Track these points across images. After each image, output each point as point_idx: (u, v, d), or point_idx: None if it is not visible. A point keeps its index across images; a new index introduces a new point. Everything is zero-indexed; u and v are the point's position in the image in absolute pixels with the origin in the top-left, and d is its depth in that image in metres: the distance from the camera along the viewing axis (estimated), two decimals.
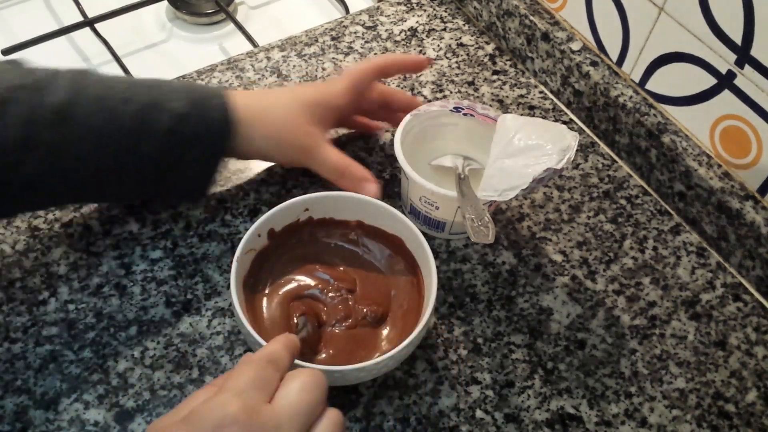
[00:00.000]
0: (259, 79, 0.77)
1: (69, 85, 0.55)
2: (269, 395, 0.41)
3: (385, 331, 0.58)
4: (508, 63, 0.82)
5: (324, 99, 0.63)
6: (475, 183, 0.61)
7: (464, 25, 0.85)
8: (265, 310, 0.57)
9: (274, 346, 0.45)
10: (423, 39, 0.83)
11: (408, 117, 0.64)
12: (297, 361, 0.51)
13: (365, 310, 0.58)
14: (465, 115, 0.65)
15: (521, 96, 0.79)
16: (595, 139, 0.76)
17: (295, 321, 0.56)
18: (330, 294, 0.59)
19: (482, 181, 0.60)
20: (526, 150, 0.59)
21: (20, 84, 0.54)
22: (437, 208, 0.62)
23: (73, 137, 0.55)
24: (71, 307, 0.60)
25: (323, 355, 0.56)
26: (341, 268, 0.61)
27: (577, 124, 0.77)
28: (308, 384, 0.42)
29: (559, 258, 0.66)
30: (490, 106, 0.77)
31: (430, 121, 0.66)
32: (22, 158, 0.53)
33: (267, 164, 0.70)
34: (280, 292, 0.59)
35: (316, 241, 0.62)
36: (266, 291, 0.58)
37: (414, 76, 0.79)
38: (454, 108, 0.65)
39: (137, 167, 0.58)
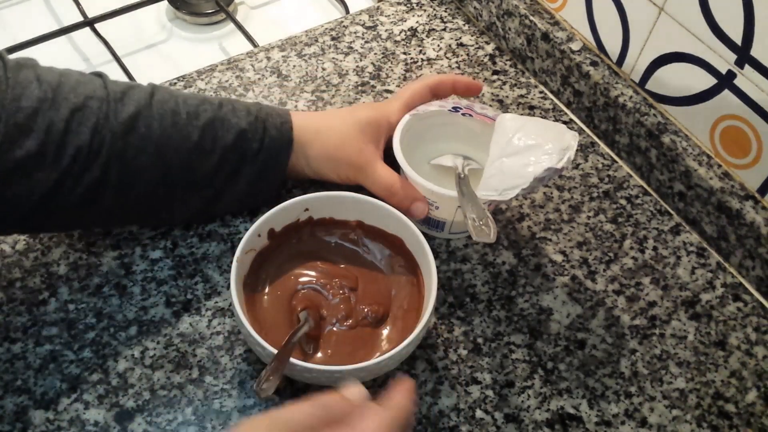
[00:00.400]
0: (259, 79, 0.77)
1: (141, 98, 0.57)
2: None
3: (385, 331, 0.58)
4: (508, 63, 0.82)
5: (377, 118, 0.64)
6: (475, 183, 0.61)
7: (464, 25, 0.85)
8: (265, 309, 0.57)
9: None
10: (423, 39, 0.83)
11: (407, 117, 0.64)
12: (297, 362, 0.51)
13: (366, 309, 0.58)
14: (464, 115, 0.65)
15: (521, 96, 0.79)
16: (595, 139, 0.76)
17: (297, 317, 0.57)
18: (331, 291, 0.59)
19: (482, 181, 0.60)
20: (526, 150, 0.59)
21: (95, 95, 0.55)
22: (437, 207, 0.62)
23: (137, 148, 0.56)
24: (71, 307, 0.60)
25: (323, 355, 0.56)
26: (342, 266, 0.61)
27: (577, 124, 0.77)
28: None
29: (559, 258, 0.66)
30: (490, 105, 0.77)
31: (429, 121, 0.66)
32: (87, 165, 0.54)
33: None
34: (281, 291, 0.59)
35: (316, 241, 0.62)
36: (266, 290, 0.59)
37: (414, 76, 0.79)
38: (453, 108, 0.65)
39: (196, 183, 0.60)
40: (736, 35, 0.60)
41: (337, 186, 0.64)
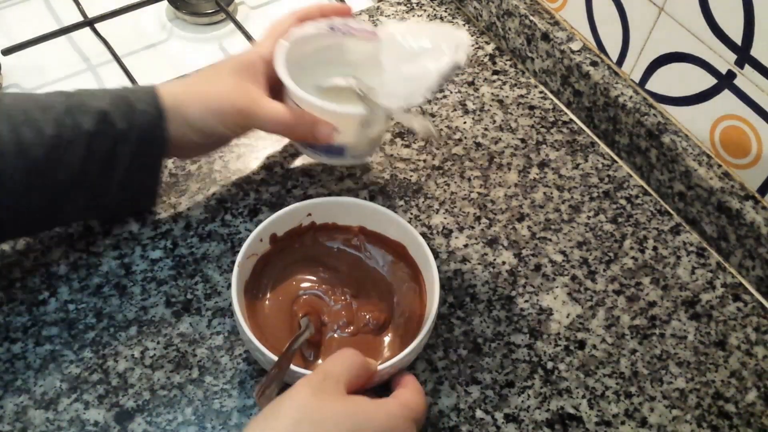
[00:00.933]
0: None
1: None
2: None
3: (387, 338, 0.58)
4: (508, 63, 0.82)
5: (250, 58, 0.61)
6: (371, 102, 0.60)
7: (464, 24, 0.85)
8: (266, 314, 0.57)
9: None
10: None
11: (284, 43, 0.61)
12: (298, 369, 0.51)
13: (367, 316, 0.58)
14: (345, 34, 0.63)
15: (521, 96, 0.79)
16: (595, 139, 0.76)
17: (299, 322, 0.56)
18: (333, 297, 0.59)
19: (384, 91, 0.58)
20: (422, 52, 0.58)
21: None
22: (337, 131, 0.60)
23: None
24: (71, 307, 0.60)
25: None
26: (344, 272, 0.61)
27: (577, 124, 0.77)
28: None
29: (559, 258, 0.66)
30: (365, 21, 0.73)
31: (310, 46, 0.63)
32: None
33: (267, 164, 0.71)
34: (282, 296, 0.58)
35: (318, 246, 0.62)
36: (268, 295, 0.58)
37: None
38: (330, 27, 0.63)
39: (69, 179, 0.55)
40: (736, 35, 0.61)
41: (338, 191, 0.63)
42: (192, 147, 0.61)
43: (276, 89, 0.62)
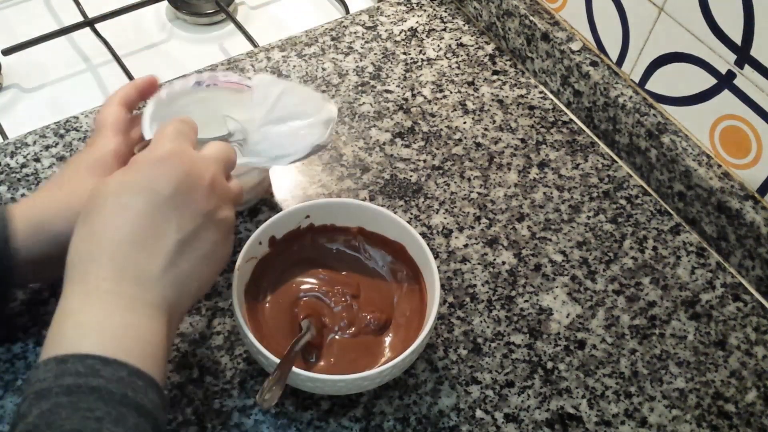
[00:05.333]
0: None
1: None
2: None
3: (388, 339, 0.57)
4: (508, 63, 0.82)
5: (102, 155, 0.57)
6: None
7: (464, 25, 0.85)
8: (267, 317, 0.57)
9: (178, 125, 0.51)
10: (423, 39, 0.83)
11: (151, 105, 0.59)
12: (300, 371, 0.51)
13: (368, 317, 0.58)
14: (208, 86, 0.62)
15: (521, 96, 0.79)
16: (595, 139, 0.76)
17: (300, 325, 0.56)
18: (333, 298, 0.59)
19: (250, 147, 0.59)
20: (290, 117, 0.59)
21: None
22: None
23: None
24: None
25: (326, 364, 0.56)
26: (344, 273, 0.61)
27: (577, 124, 0.77)
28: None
29: (559, 258, 0.66)
30: (230, 70, 0.75)
31: (176, 103, 0.61)
32: None
33: None
34: (283, 299, 0.58)
35: (317, 248, 0.61)
36: (268, 298, 0.58)
37: (414, 76, 0.79)
38: (196, 83, 0.62)
39: None
40: (736, 35, 0.61)
41: (338, 191, 0.63)
42: (56, 265, 0.53)
43: None
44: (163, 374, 0.44)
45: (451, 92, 0.78)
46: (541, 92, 0.79)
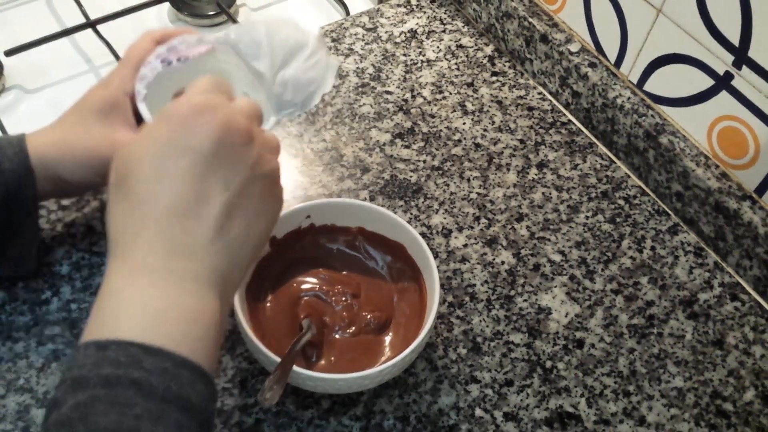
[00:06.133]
0: None
1: None
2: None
3: (388, 338, 0.58)
4: (507, 64, 0.82)
5: (114, 97, 0.56)
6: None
7: (463, 26, 0.86)
8: (268, 317, 0.58)
9: (213, 78, 0.47)
10: (423, 41, 0.83)
11: (140, 89, 0.55)
12: (300, 370, 0.51)
13: (368, 316, 0.58)
14: (183, 62, 0.56)
15: (520, 97, 0.79)
16: (594, 139, 0.76)
17: (300, 324, 0.57)
18: (334, 298, 0.59)
19: (273, 102, 0.56)
20: (290, 54, 0.55)
21: None
22: None
23: None
24: (73, 306, 0.60)
25: (326, 363, 0.56)
26: (344, 273, 0.61)
27: (575, 125, 0.77)
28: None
29: (557, 258, 0.67)
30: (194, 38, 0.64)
31: (163, 85, 0.57)
32: None
33: None
34: (283, 298, 0.59)
35: (318, 248, 0.62)
36: (269, 298, 0.59)
37: (413, 77, 0.79)
38: (167, 64, 0.56)
39: None
40: (734, 37, 0.61)
41: (338, 191, 0.64)
42: (70, 192, 0.56)
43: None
44: (213, 359, 0.41)
45: (450, 93, 0.79)
46: (539, 93, 0.80)
